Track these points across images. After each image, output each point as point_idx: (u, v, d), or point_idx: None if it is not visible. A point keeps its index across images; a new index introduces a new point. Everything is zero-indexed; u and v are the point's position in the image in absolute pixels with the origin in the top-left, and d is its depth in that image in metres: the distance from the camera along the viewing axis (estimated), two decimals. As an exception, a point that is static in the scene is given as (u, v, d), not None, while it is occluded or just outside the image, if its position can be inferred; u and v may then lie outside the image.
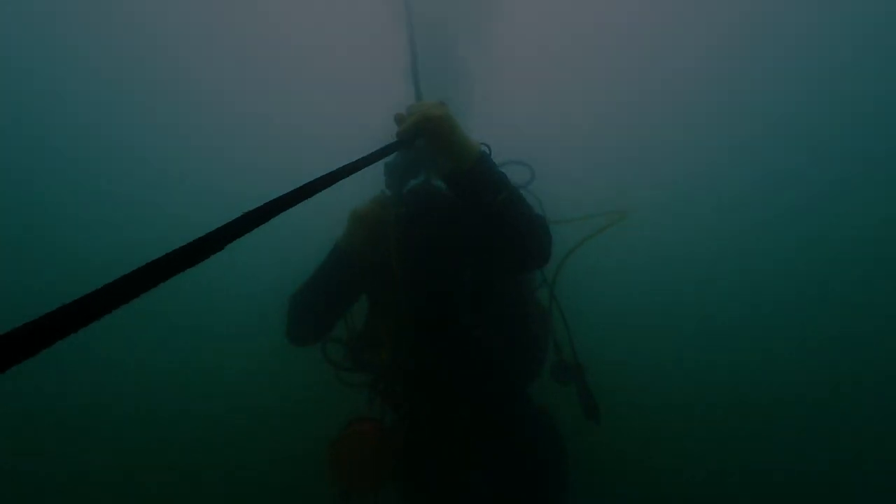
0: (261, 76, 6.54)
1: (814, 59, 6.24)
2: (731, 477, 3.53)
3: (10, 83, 5.93)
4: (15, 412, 4.10)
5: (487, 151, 1.22)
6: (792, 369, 4.52)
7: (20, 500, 3.66)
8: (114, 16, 5.83)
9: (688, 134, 6.47)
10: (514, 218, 1.19)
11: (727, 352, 4.72)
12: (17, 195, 5.99)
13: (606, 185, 5.59)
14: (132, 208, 6.07)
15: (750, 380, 4.43)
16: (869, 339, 4.70)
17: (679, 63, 6.44)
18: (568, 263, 1.58)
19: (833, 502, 3.51)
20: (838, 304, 5.14)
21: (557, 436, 1.54)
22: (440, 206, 1.37)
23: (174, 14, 5.98)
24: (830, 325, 4.94)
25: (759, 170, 6.19)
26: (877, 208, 5.74)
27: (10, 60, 5.84)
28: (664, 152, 6.43)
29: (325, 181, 0.72)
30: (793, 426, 3.90)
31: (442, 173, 1.23)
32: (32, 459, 3.78)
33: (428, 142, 1.14)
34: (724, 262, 5.69)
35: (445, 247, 1.38)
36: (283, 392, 3.56)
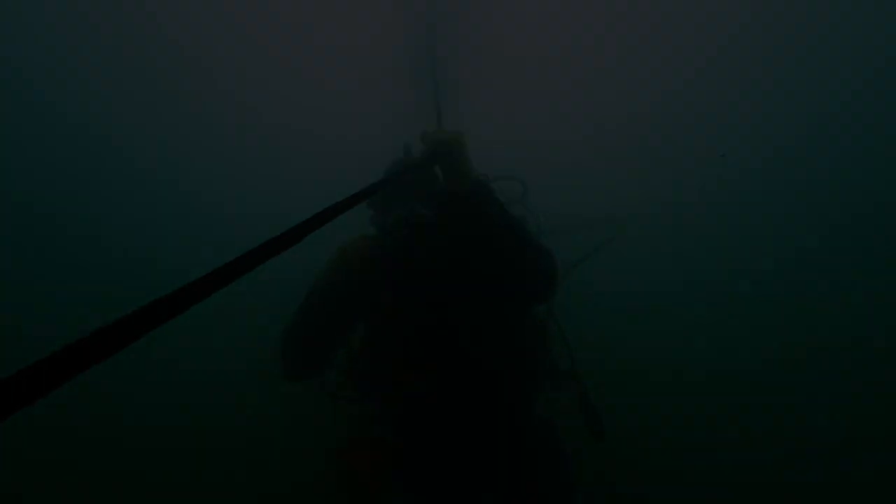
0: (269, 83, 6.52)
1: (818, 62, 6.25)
2: (735, 487, 3.51)
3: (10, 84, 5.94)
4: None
5: (487, 180, 1.37)
6: (796, 380, 4.50)
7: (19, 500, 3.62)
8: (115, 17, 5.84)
9: (687, 140, 6.50)
10: (512, 241, 1.27)
11: (732, 358, 4.71)
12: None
13: (605, 194, 5.60)
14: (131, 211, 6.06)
15: (753, 388, 4.41)
16: (873, 346, 4.68)
17: (682, 69, 6.47)
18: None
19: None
20: (845, 308, 5.14)
21: (562, 449, 1.53)
22: (428, 234, 1.41)
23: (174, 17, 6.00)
24: (837, 329, 4.93)
25: (759, 179, 6.20)
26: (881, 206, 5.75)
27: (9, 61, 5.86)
28: (664, 160, 6.45)
29: (353, 200, 0.73)
30: (799, 438, 3.88)
31: (448, 191, 1.33)
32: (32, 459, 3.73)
33: (445, 161, 1.28)
34: (723, 269, 5.69)
35: (437, 272, 1.41)
36: (284, 410, 3.50)
